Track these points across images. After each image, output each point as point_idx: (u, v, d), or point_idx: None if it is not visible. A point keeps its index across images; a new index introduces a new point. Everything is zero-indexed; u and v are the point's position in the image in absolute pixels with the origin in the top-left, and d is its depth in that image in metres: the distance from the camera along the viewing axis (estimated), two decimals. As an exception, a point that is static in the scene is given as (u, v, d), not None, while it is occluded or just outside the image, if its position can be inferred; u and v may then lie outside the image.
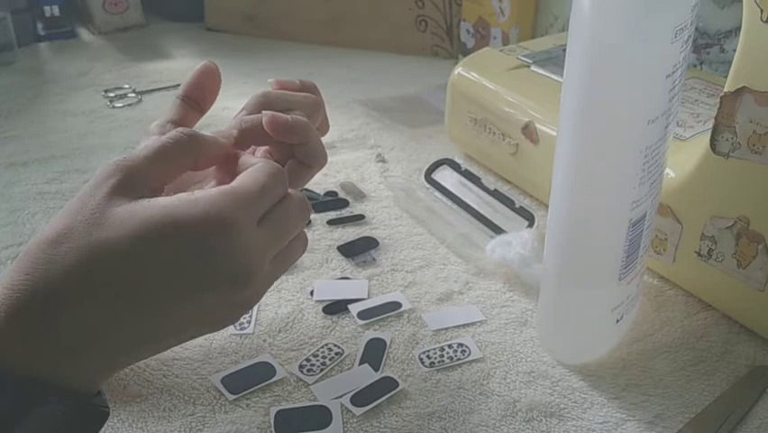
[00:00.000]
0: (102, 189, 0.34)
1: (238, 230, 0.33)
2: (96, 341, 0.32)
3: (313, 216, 0.64)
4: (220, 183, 0.39)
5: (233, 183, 0.35)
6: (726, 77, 0.46)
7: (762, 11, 0.43)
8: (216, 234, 0.33)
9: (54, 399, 0.31)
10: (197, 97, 0.44)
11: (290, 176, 0.42)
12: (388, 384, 0.46)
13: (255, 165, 0.37)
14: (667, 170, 0.50)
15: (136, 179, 0.34)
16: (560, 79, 0.57)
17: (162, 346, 0.36)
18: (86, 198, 0.34)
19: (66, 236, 0.32)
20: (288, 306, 0.53)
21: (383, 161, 0.73)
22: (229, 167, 0.39)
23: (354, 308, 0.53)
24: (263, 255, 0.35)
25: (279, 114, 0.41)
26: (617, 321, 0.48)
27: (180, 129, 0.37)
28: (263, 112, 0.41)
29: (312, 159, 0.42)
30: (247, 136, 0.41)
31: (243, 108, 0.43)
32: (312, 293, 0.55)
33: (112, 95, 0.87)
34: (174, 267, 0.32)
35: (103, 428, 0.43)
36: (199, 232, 0.33)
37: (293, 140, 0.41)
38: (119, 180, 0.34)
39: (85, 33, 1.06)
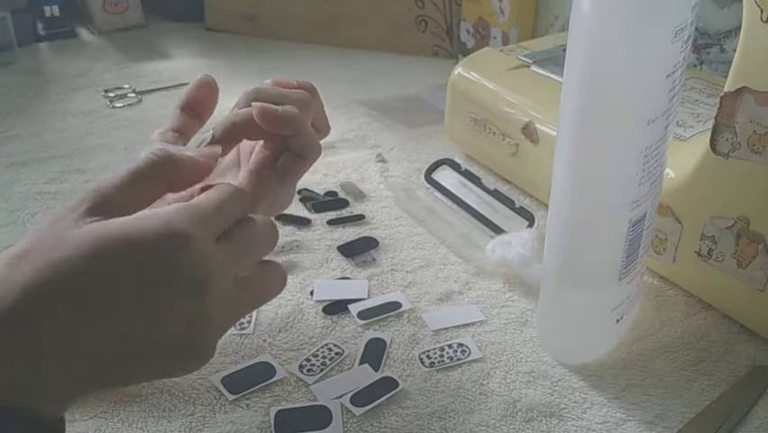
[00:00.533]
0: (73, 214, 0.34)
1: (192, 242, 0.33)
2: (58, 358, 0.32)
3: (313, 216, 0.64)
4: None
5: (192, 199, 0.36)
6: (726, 77, 0.46)
7: (762, 11, 0.43)
8: (170, 247, 0.33)
9: (17, 425, 0.30)
10: (197, 108, 0.44)
11: (286, 169, 0.42)
12: (388, 384, 0.46)
13: (217, 185, 0.37)
14: (667, 170, 0.50)
15: (110, 204, 0.34)
16: (560, 79, 0.57)
17: (128, 373, 0.35)
18: (56, 220, 0.34)
19: (26, 254, 0.32)
20: (288, 306, 0.53)
21: (383, 161, 0.73)
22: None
23: (354, 308, 0.53)
24: (222, 270, 0.35)
25: (269, 104, 0.41)
26: (617, 321, 0.48)
27: (155, 150, 0.37)
28: (253, 104, 0.41)
29: (306, 150, 0.43)
30: (239, 130, 0.41)
31: (236, 105, 0.43)
32: (312, 293, 0.55)
33: (112, 95, 0.87)
34: (131, 280, 0.32)
35: (103, 428, 0.43)
36: (153, 245, 0.33)
37: (285, 131, 0.41)
38: (89, 207, 0.34)
39: (85, 33, 1.06)
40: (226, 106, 0.43)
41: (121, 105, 0.85)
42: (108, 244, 0.32)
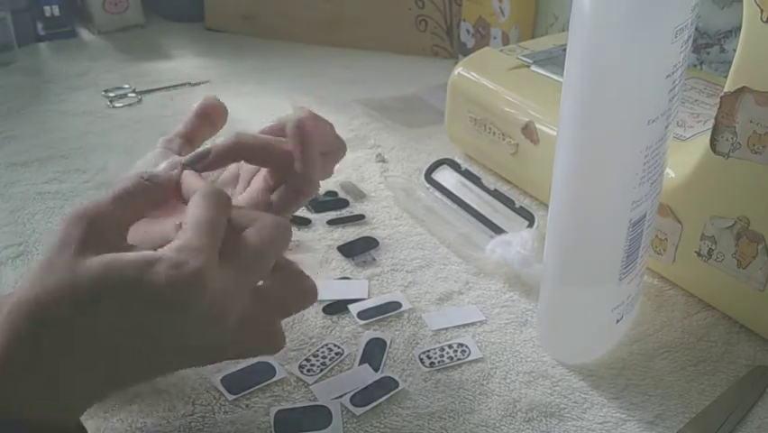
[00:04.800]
0: (69, 247, 0.34)
1: (202, 282, 0.33)
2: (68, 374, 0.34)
3: (313, 216, 0.64)
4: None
5: (182, 235, 0.35)
6: (726, 77, 0.46)
7: (762, 11, 0.43)
8: (177, 300, 0.33)
9: None
10: (213, 114, 0.46)
11: (280, 204, 0.42)
12: (388, 384, 0.46)
13: (193, 202, 0.36)
14: (667, 170, 0.50)
15: (101, 229, 0.35)
16: (560, 79, 0.57)
17: (143, 376, 0.37)
18: (54, 257, 0.34)
19: (41, 304, 0.32)
20: (288, 306, 0.53)
21: (383, 161, 0.73)
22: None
23: (354, 308, 0.53)
24: (233, 292, 0.35)
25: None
26: (617, 321, 0.48)
27: (144, 173, 0.38)
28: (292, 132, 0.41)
29: (306, 186, 0.42)
30: (240, 153, 0.42)
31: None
32: (312, 293, 0.55)
33: (112, 95, 0.87)
34: (143, 320, 0.33)
35: (103, 428, 0.43)
36: (158, 295, 0.33)
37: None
38: (83, 236, 0.34)
39: (85, 33, 1.06)
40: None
41: (121, 105, 0.84)
42: (115, 282, 0.33)
